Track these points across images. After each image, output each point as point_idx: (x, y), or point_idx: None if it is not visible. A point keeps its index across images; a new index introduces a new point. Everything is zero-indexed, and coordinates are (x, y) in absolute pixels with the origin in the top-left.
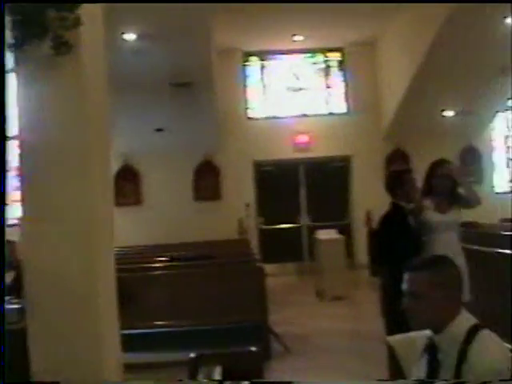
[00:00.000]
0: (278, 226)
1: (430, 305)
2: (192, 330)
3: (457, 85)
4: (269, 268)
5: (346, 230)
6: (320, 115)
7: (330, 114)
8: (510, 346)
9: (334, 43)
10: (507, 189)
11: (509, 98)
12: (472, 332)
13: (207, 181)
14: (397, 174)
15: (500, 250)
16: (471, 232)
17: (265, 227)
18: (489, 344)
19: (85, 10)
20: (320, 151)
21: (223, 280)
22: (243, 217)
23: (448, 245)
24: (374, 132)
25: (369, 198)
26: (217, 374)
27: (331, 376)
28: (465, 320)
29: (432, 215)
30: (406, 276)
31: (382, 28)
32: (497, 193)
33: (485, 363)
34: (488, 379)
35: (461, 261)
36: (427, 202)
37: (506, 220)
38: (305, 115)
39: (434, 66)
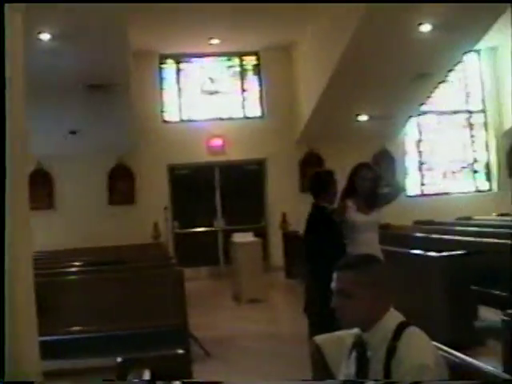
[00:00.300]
0: (193, 230)
1: (359, 303)
2: (112, 335)
3: (371, 90)
4: (184, 272)
5: (261, 233)
6: (235, 119)
7: (245, 117)
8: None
9: (250, 47)
10: (419, 192)
11: (422, 104)
12: (400, 329)
13: (122, 184)
14: (320, 176)
15: (413, 251)
16: (386, 233)
17: (180, 231)
18: (416, 340)
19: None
20: (235, 155)
21: (142, 284)
22: (158, 220)
23: (370, 245)
24: (288, 135)
25: (284, 200)
26: (146, 377)
27: (252, 378)
28: (393, 317)
29: (356, 216)
30: (335, 275)
31: (298, 33)
32: (409, 196)
33: (413, 358)
34: (416, 374)
35: None
36: (350, 203)
37: (418, 222)
38: (220, 118)
39: (348, 70)
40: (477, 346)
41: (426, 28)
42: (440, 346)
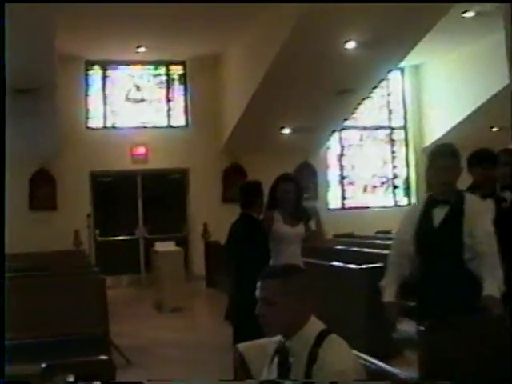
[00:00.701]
0: (114, 238)
1: (283, 311)
2: (33, 342)
3: (296, 103)
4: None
5: (183, 242)
6: (159, 127)
7: (170, 126)
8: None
9: (177, 56)
10: (340, 205)
11: (345, 119)
12: (321, 336)
13: (43, 190)
14: (249, 186)
15: (333, 263)
16: (307, 245)
17: (101, 239)
18: (336, 347)
19: None
20: (158, 163)
21: (63, 292)
22: (80, 228)
23: (293, 256)
24: (212, 146)
25: (206, 210)
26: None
27: None
28: (315, 325)
29: (282, 227)
30: (259, 284)
31: (225, 44)
32: (330, 209)
33: (333, 364)
34: (336, 379)
35: None
36: (276, 215)
37: (338, 235)
38: (144, 127)
39: (274, 83)
40: (395, 356)
41: (351, 45)
42: (359, 354)
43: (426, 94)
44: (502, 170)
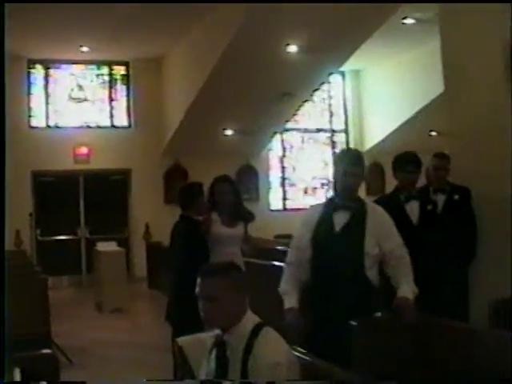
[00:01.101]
0: (56, 238)
1: (222, 306)
2: None
3: (238, 105)
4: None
5: (124, 243)
6: (102, 127)
7: (112, 126)
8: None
9: (120, 57)
10: (281, 207)
11: (287, 121)
12: (256, 329)
13: None
14: (189, 188)
15: (274, 263)
16: (248, 246)
17: (42, 239)
18: (271, 340)
19: None
20: (100, 163)
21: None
22: (21, 228)
23: (232, 257)
24: (154, 147)
25: (148, 211)
26: (16, 376)
27: None
28: (250, 319)
29: (220, 228)
30: (199, 281)
31: (169, 45)
32: (271, 210)
33: (268, 356)
34: (271, 370)
35: None
36: (215, 216)
37: (279, 236)
38: (87, 127)
39: (216, 85)
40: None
41: (292, 49)
42: (293, 346)
43: (367, 98)
44: (435, 174)
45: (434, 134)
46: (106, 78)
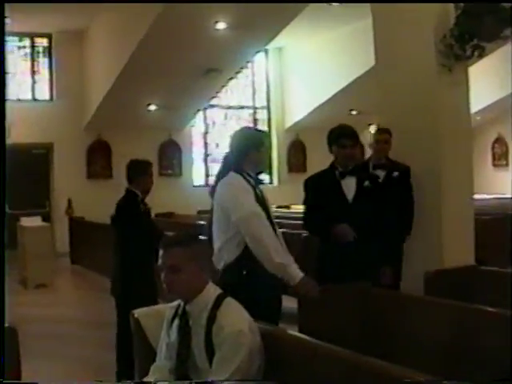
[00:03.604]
0: None
1: (186, 277)
2: None
3: (163, 80)
4: None
5: (46, 218)
6: (23, 101)
7: (34, 100)
8: None
9: (42, 29)
10: (203, 182)
11: (211, 98)
12: (219, 299)
13: None
14: (137, 163)
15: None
16: (170, 222)
17: None
18: (233, 309)
19: None
20: (22, 137)
21: None
22: None
23: None
24: (76, 121)
25: (70, 186)
26: None
27: (49, 362)
28: (212, 289)
29: None
30: (163, 252)
31: (92, 18)
32: (195, 186)
33: (231, 325)
34: (234, 338)
35: None
36: None
37: (202, 212)
38: (7, 100)
39: (141, 60)
40: None
41: (221, 26)
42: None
43: (289, 75)
44: (376, 147)
45: (354, 112)
46: (28, 50)
